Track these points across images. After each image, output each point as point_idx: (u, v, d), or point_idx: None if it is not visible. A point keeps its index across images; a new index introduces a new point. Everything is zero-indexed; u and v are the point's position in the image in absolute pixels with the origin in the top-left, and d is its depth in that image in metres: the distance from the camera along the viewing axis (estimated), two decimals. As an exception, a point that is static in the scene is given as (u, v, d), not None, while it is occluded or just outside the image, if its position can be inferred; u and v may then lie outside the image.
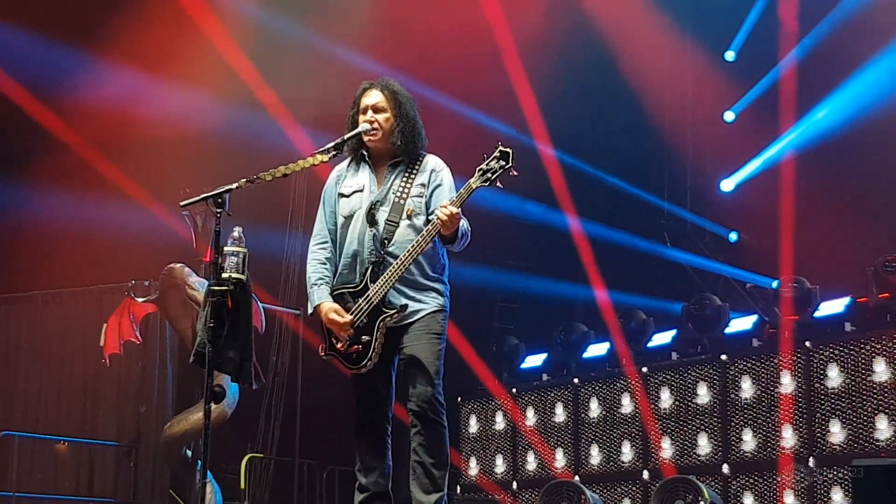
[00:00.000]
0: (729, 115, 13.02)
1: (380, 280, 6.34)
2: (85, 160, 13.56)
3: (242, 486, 12.17)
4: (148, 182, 13.31)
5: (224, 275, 5.93)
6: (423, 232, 6.30)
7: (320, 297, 6.52)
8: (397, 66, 10.73)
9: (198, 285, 10.88)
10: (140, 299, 11.61)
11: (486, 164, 6.20)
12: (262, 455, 13.20)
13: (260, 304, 10.94)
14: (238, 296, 5.96)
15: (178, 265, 11.17)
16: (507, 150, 6.19)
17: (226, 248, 5.96)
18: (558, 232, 13.16)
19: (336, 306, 6.44)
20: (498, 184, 6.20)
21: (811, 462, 9.20)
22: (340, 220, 6.60)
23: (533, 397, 11.49)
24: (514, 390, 11.65)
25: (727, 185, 12.91)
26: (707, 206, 13.23)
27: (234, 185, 6.03)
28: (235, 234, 5.99)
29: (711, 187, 13.08)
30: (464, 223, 6.35)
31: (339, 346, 6.43)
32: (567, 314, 12.62)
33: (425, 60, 12.04)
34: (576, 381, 11.14)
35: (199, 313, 6.08)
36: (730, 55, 13.01)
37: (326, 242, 6.66)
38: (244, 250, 5.99)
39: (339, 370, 6.55)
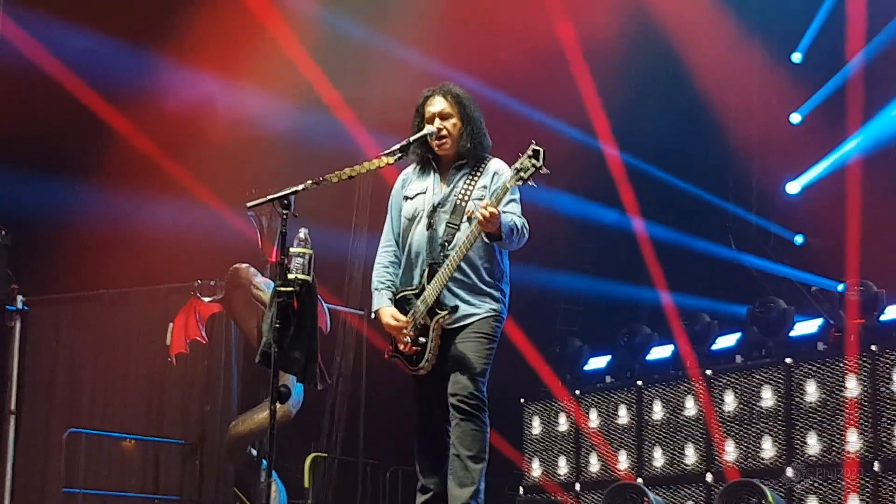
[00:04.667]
0: (795, 118, 12.91)
1: (433, 281, 6.36)
2: (153, 162, 13.69)
3: (306, 485, 12.27)
4: (214, 183, 13.42)
5: (290, 276, 6.00)
6: (468, 232, 6.29)
7: (379, 303, 6.57)
8: (463, 69, 10.78)
9: (263, 286, 10.96)
10: (206, 299, 11.70)
11: (520, 163, 6.17)
12: (325, 455, 13.29)
13: (325, 305, 11.01)
14: (304, 297, 6.02)
15: (244, 266, 11.26)
16: (539, 148, 6.13)
17: (292, 250, 6.02)
18: (623, 234, 13.13)
19: (393, 310, 6.49)
20: (531, 182, 6.17)
21: (876, 466, 9.13)
22: (404, 223, 6.62)
23: (596, 399, 11.46)
24: (577, 392, 11.62)
25: (793, 187, 12.83)
26: (773, 209, 13.15)
27: (301, 187, 6.10)
28: (302, 235, 6.05)
29: (777, 190, 12.99)
30: (514, 219, 6.33)
31: (401, 347, 6.47)
32: (631, 316, 12.59)
33: (491, 63, 12.06)
34: (639, 383, 11.10)
35: (264, 313, 6.15)
36: (796, 57, 12.92)
37: (391, 246, 6.70)
38: (310, 251, 6.05)
39: (403, 370, 6.59)
